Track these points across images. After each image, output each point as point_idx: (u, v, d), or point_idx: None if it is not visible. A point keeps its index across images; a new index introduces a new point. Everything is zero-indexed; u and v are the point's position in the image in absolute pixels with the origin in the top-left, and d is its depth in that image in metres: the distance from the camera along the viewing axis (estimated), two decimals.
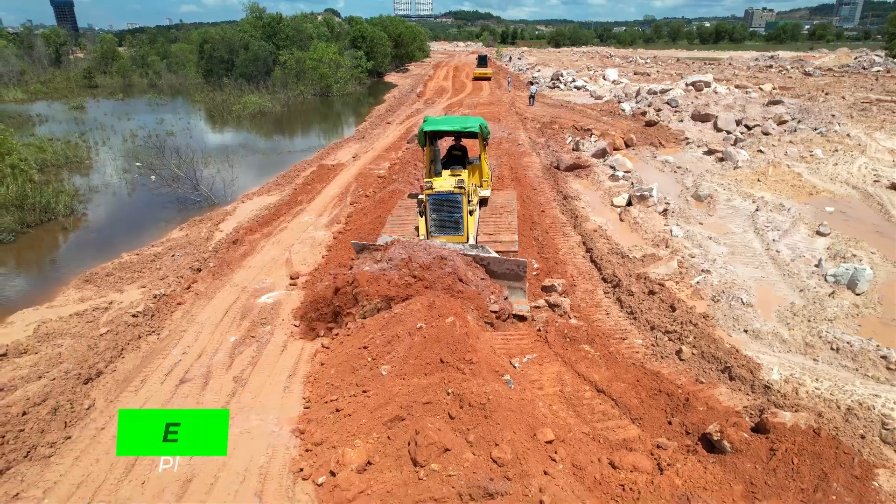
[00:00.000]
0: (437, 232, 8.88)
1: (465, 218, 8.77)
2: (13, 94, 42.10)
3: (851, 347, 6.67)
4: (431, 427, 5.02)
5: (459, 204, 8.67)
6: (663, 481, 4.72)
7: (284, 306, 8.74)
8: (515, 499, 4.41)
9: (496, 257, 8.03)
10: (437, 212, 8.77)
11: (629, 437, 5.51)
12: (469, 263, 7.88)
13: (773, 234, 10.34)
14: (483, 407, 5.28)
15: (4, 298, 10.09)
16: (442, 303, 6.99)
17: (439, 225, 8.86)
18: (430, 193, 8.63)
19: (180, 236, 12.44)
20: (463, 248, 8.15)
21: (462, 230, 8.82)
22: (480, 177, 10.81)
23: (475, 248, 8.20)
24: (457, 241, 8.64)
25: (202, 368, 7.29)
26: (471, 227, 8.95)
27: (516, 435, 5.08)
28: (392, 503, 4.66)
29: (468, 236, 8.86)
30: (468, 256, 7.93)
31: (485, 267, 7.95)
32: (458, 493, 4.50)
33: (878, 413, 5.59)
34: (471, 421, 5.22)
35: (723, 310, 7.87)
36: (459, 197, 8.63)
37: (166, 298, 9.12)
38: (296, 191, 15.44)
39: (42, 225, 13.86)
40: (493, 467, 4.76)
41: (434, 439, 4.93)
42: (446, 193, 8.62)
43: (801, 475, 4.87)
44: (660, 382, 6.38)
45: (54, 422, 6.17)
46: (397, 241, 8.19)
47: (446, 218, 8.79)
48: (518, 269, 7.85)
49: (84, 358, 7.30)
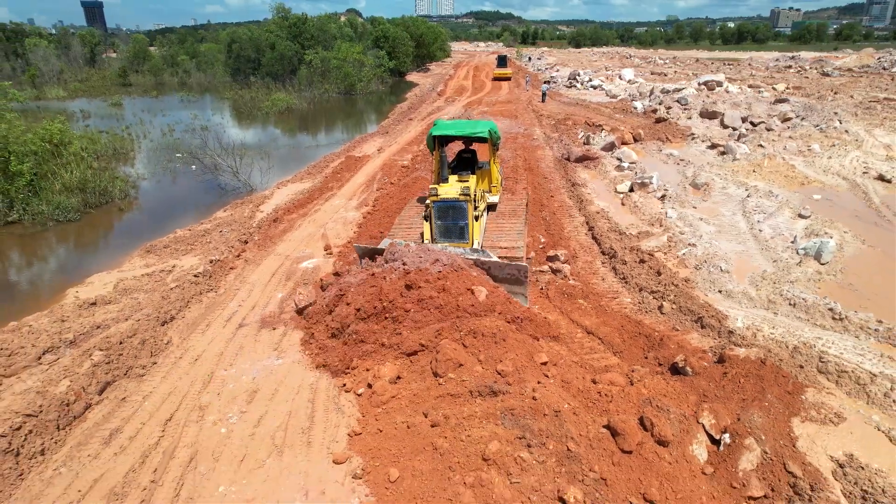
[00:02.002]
0: (441, 239, 8.80)
1: (470, 225, 8.63)
2: (55, 92, 44.39)
3: (805, 303, 7.83)
4: (449, 348, 6.34)
5: (465, 211, 8.52)
6: (632, 391, 5.96)
7: (322, 269, 10.12)
8: (513, 396, 5.70)
9: (497, 261, 7.92)
10: (441, 218, 8.67)
11: (610, 364, 6.76)
12: (471, 267, 7.82)
13: (758, 217, 11.45)
14: (493, 336, 6.57)
15: (81, 265, 11.67)
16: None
17: (444, 231, 8.77)
18: (434, 200, 8.53)
19: (225, 216, 13.93)
20: (464, 252, 8.06)
21: (467, 237, 8.70)
22: (490, 182, 10.57)
23: (476, 252, 8.14)
24: (462, 247, 8.54)
25: (256, 316, 8.69)
26: (476, 234, 8.78)
27: (517, 357, 6.38)
28: (418, 401, 6.00)
29: (473, 243, 8.72)
30: (469, 260, 7.85)
31: (486, 271, 7.87)
32: (469, 391, 5.81)
33: (818, 350, 6.77)
34: (481, 346, 6.52)
35: (703, 275, 9.05)
36: (465, 204, 8.47)
37: (220, 263, 10.57)
38: (326, 179, 16.88)
39: (101, 207, 15.47)
40: (497, 377, 6.07)
41: (451, 356, 6.25)
42: (451, 200, 8.47)
43: (745, 390, 6.09)
44: (641, 328, 7.62)
45: (143, 351, 7.61)
46: (391, 246, 8.18)
47: (451, 225, 8.68)
48: (519, 274, 7.74)
49: (160, 306, 8.76)
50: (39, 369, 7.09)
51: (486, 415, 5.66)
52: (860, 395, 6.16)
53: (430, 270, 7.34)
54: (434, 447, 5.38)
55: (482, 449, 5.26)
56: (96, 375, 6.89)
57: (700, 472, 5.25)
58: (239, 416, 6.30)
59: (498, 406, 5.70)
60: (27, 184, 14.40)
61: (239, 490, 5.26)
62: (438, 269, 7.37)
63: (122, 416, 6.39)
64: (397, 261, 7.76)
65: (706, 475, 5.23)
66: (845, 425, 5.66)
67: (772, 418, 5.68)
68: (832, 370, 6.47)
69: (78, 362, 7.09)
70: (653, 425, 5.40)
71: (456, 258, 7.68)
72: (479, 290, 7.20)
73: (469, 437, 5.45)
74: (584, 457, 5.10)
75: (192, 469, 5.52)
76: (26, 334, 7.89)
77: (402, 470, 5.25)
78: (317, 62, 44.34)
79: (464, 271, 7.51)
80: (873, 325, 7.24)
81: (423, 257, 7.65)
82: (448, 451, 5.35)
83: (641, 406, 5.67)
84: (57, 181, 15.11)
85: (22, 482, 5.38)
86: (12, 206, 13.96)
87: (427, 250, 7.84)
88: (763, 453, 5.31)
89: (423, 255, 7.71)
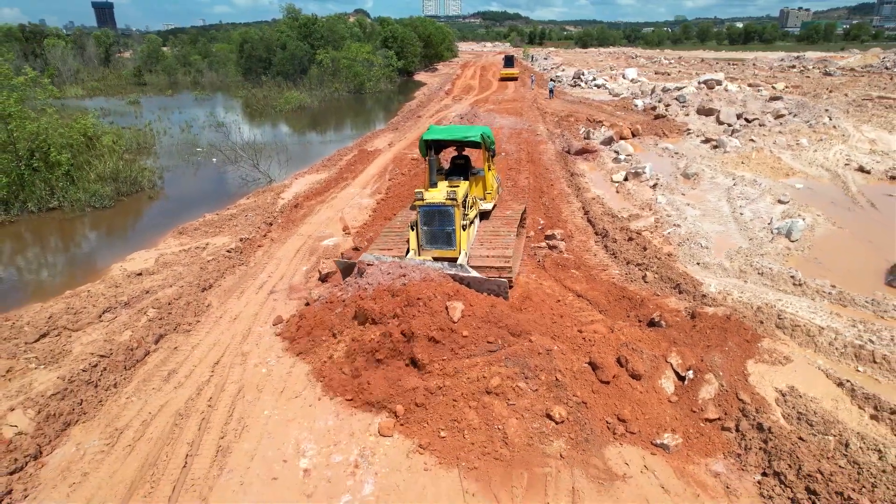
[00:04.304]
0: (427, 245, 8.57)
1: (457, 231, 8.34)
2: (74, 91, 45.83)
3: (772, 272, 8.85)
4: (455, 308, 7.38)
5: (451, 216, 8.26)
6: (612, 337, 7.00)
7: (342, 246, 11.20)
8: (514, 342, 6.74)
9: (477, 277, 7.57)
10: (427, 224, 8.44)
11: (595, 319, 7.79)
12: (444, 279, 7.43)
13: (741, 202, 12.45)
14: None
15: (121, 244, 12.83)
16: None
17: (430, 238, 8.53)
18: (420, 205, 8.31)
19: (249, 202, 15.05)
20: (442, 267, 7.68)
21: (454, 244, 8.42)
22: (484, 189, 10.15)
23: (454, 267, 7.69)
24: (448, 255, 8.40)
25: (284, 285, 9.78)
26: (463, 242, 8.43)
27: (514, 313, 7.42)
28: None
29: (461, 250, 8.41)
30: (447, 275, 7.53)
31: (466, 287, 7.48)
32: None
33: (777, 310, 7.79)
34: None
35: (684, 251, 10.07)
36: (451, 209, 8.21)
37: (249, 241, 11.68)
38: (341, 170, 18.00)
39: (132, 195, 16.63)
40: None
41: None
42: (437, 205, 8.24)
43: (710, 338, 7.12)
44: (625, 292, 8.66)
45: (188, 311, 8.72)
46: (361, 265, 8.02)
47: (437, 231, 8.44)
48: (499, 290, 7.49)
49: (199, 275, 9.88)
50: (101, 325, 8.22)
51: (489, 362, 6.70)
52: (809, 345, 7.18)
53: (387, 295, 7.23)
54: (441, 387, 6.37)
55: (485, 384, 6.28)
56: (152, 329, 8.00)
57: (667, 401, 6.28)
58: (276, 361, 7.38)
59: (499, 354, 6.75)
60: (65, 173, 15.58)
61: (281, 413, 6.33)
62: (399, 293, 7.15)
63: (176, 360, 7.49)
64: (357, 286, 7.66)
65: (671, 402, 6.27)
66: (791, 366, 6.68)
67: (730, 359, 6.71)
68: (787, 325, 7.49)
69: (135, 318, 8.22)
70: (627, 362, 6.44)
71: (430, 272, 7.48)
72: (453, 305, 6.93)
73: (474, 377, 6.48)
74: (569, 385, 6.14)
75: (241, 398, 6.61)
76: (86, 298, 9.04)
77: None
78: (327, 62, 45.54)
79: (436, 285, 7.23)
80: (828, 290, 8.26)
81: (392, 273, 7.56)
82: (453, 387, 6.37)
83: (619, 348, 6.71)
84: (92, 171, 16.29)
85: (102, 407, 6.49)
86: (53, 193, 15.13)
87: (399, 266, 7.68)
88: (720, 386, 6.34)
89: (392, 271, 7.61)
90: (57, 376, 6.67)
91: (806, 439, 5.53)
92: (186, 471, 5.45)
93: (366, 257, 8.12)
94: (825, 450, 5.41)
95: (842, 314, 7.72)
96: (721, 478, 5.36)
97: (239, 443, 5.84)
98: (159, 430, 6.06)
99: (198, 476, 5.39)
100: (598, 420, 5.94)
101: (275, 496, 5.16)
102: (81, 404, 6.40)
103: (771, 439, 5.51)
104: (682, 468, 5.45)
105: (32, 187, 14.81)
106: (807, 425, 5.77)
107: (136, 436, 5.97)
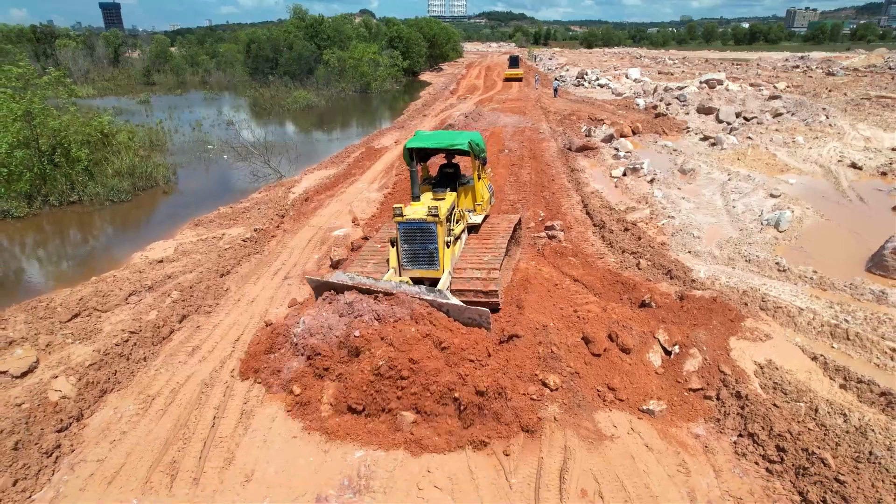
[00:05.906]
0: (408, 265, 7.89)
1: (440, 250, 7.67)
2: (85, 91, 46.57)
3: (759, 259, 9.36)
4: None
5: (433, 234, 7.57)
6: (604, 315, 7.53)
7: (352, 236, 11.77)
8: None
9: (456, 304, 6.84)
10: (408, 242, 7.74)
11: (590, 300, 8.32)
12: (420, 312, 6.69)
13: (734, 196, 12.94)
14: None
15: (140, 235, 13.44)
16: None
17: (411, 257, 7.84)
18: (399, 221, 7.62)
19: (261, 196, 15.65)
20: (419, 292, 6.91)
21: (436, 263, 7.76)
22: (473, 200, 9.35)
23: (432, 292, 6.92)
24: (431, 275, 7.80)
25: (298, 271, 10.36)
26: (447, 261, 7.80)
27: (517, 293, 7.96)
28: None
29: (444, 269, 7.77)
30: (424, 301, 6.80)
31: (445, 314, 6.81)
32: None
33: (761, 293, 8.31)
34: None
35: (677, 240, 10.59)
36: (433, 226, 7.51)
37: (263, 232, 12.25)
38: (349, 166, 18.58)
39: (147, 190, 17.25)
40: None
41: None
42: (418, 222, 7.54)
43: (696, 318, 7.64)
44: (619, 278, 9.17)
45: (208, 294, 9.30)
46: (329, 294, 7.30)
47: (419, 249, 7.74)
48: (481, 320, 6.80)
49: (217, 262, 10.46)
50: (128, 307, 8.81)
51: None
52: (789, 325, 7.70)
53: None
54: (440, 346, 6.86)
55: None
56: (176, 309, 8.58)
57: (653, 372, 6.81)
58: None
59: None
60: (84, 169, 16.22)
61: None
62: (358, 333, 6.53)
63: (199, 338, 8.07)
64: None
65: (658, 374, 6.80)
66: (771, 342, 7.19)
67: (714, 336, 7.24)
68: (770, 307, 8.01)
69: (160, 300, 8.80)
70: (618, 337, 6.98)
71: (404, 304, 6.75)
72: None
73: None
74: (563, 357, 6.67)
75: None
76: (112, 282, 9.62)
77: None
78: (334, 62, 46.19)
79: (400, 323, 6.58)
80: (810, 275, 8.76)
81: (345, 316, 6.89)
82: (454, 351, 6.80)
83: (610, 325, 7.24)
84: (109, 167, 16.92)
85: (134, 377, 7.08)
86: (73, 187, 15.76)
87: (360, 300, 6.95)
88: (703, 360, 6.86)
89: (344, 312, 6.93)
90: (92, 350, 7.25)
91: (779, 405, 6.04)
92: (214, 430, 6.03)
93: (339, 276, 7.32)
94: (796, 414, 5.93)
95: (821, 297, 8.23)
96: (701, 439, 5.89)
97: (261, 407, 6.41)
98: (188, 397, 6.64)
99: (225, 434, 5.97)
100: (590, 388, 6.48)
101: (295, 452, 5.73)
102: (115, 374, 6.99)
103: (747, 405, 6.04)
104: (665, 430, 5.98)
105: (54, 182, 15.45)
106: (781, 394, 6.29)
107: (167, 402, 6.55)
